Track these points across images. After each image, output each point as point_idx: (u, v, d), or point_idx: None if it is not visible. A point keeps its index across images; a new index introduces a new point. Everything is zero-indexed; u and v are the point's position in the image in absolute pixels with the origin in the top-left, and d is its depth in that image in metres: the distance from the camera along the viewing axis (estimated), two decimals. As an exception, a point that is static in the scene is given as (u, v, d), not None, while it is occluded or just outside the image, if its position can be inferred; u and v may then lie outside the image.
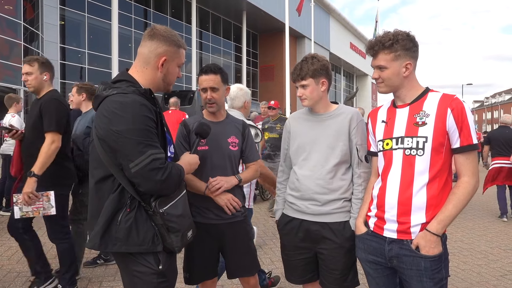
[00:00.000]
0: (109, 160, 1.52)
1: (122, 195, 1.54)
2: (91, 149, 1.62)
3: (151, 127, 1.52)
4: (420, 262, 1.66)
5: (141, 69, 1.68)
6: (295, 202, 2.10)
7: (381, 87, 1.82)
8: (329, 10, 38.82)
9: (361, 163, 2.05)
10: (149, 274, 1.57)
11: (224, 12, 30.31)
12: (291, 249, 2.15)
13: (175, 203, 1.60)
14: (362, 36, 48.18)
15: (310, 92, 2.04)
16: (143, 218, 1.55)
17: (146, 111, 1.51)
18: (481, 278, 3.78)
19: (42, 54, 19.04)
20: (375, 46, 1.76)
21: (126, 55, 23.15)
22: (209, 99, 2.18)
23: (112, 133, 1.47)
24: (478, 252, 4.64)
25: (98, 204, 1.57)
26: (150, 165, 1.45)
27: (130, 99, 1.50)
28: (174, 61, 1.72)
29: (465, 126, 1.65)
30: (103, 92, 1.57)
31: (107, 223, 1.52)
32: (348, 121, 2.05)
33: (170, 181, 1.52)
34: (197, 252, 2.19)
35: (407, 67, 1.75)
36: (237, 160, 2.31)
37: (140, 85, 1.63)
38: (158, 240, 1.57)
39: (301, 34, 34.03)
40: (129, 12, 23.71)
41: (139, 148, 1.45)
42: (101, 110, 1.53)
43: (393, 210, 1.74)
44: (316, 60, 2.03)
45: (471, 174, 1.68)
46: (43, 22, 19.13)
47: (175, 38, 1.70)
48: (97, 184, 1.59)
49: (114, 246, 1.53)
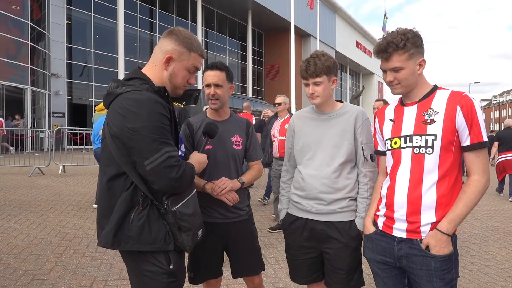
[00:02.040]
0: (122, 158, 1.50)
1: (135, 193, 1.52)
2: (103, 147, 1.60)
3: (166, 124, 1.50)
4: (430, 262, 1.63)
5: (151, 65, 1.67)
6: (300, 201, 2.08)
7: (396, 88, 1.76)
8: (335, 9, 38.69)
9: (367, 162, 2.02)
10: (159, 274, 1.55)
11: (229, 11, 30.33)
12: (296, 248, 2.13)
13: (187, 202, 1.58)
14: (368, 34, 47.97)
15: (323, 89, 2.00)
16: (155, 217, 1.53)
17: (161, 109, 1.49)
18: (488, 279, 3.73)
19: (49, 54, 19.18)
20: (389, 48, 1.69)
21: (132, 55, 23.26)
22: (212, 94, 2.16)
23: (127, 130, 1.45)
24: (486, 253, 4.58)
25: (109, 202, 1.55)
26: (165, 162, 1.44)
27: (145, 97, 1.49)
28: (182, 63, 1.67)
29: (475, 124, 1.61)
30: (116, 89, 1.55)
31: (120, 222, 1.50)
32: (353, 120, 2.02)
33: (184, 179, 1.51)
34: (202, 252, 2.18)
35: (421, 64, 1.72)
36: (241, 159, 2.30)
37: (153, 83, 1.62)
38: (170, 239, 1.55)
39: (307, 33, 33.95)
40: (135, 11, 23.81)
41: (154, 145, 1.44)
42: (115, 108, 1.51)
43: (402, 210, 1.71)
44: (327, 57, 2.00)
45: (481, 172, 1.64)
46: (49, 21, 19.27)
47: (189, 41, 1.66)
48: (108, 182, 1.56)
49: (127, 245, 1.51)
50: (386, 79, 1.78)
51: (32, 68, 18.02)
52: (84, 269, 3.74)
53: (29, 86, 17.78)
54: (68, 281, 3.44)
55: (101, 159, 1.64)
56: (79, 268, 3.76)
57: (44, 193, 7.40)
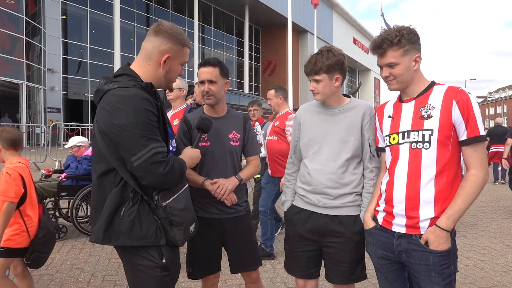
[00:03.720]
0: (111, 154, 1.51)
1: (125, 189, 1.53)
2: (93, 144, 1.61)
3: (153, 120, 1.51)
4: (429, 257, 1.65)
5: (143, 63, 1.66)
6: (306, 195, 2.09)
7: (392, 84, 1.78)
8: (332, 5, 38.63)
9: (373, 158, 2.02)
10: (152, 268, 1.57)
11: (226, 7, 30.20)
12: (296, 239, 2.13)
13: (178, 197, 1.59)
14: (365, 31, 47.96)
15: (323, 87, 2.00)
16: (145, 212, 1.55)
17: (147, 105, 1.50)
18: (484, 274, 3.77)
19: (44, 49, 19.04)
20: (383, 44, 1.72)
21: (128, 50, 23.13)
22: (206, 91, 2.16)
23: (114, 126, 1.46)
24: (482, 248, 4.62)
25: (100, 198, 1.57)
26: (152, 158, 1.45)
27: (131, 93, 1.49)
28: (177, 59, 1.70)
29: (471, 118, 1.62)
30: (104, 86, 1.56)
31: (110, 217, 1.52)
32: (361, 116, 2.02)
33: (172, 174, 1.52)
34: (200, 247, 2.18)
35: (417, 60, 1.73)
36: (239, 155, 2.30)
37: (141, 79, 1.62)
38: (161, 234, 1.57)
39: (304, 29, 33.90)
40: (131, 6, 23.66)
41: (141, 141, 1.45)
42: (103, 104, 1.52)
43: (401, 205, 1.72)
44: (331, 55, 1.97)
45: (479, 167, 1.65)
46: (45, 16, 19.11)
47: (181, 37, 1.68)
48: (99, 178, 1.58)
49: (118, 240, 1.53)
50: (382, 75, 1.81)
51: (27, 63, 17.90)
52: (82, 264, 3.74)
53: (24, 81, 17.67)
54: (66, 277, 3.44)
55: (92, 156, 1.65)
56: (76, 264, 3.76)
57: (41, 189, 7.34)
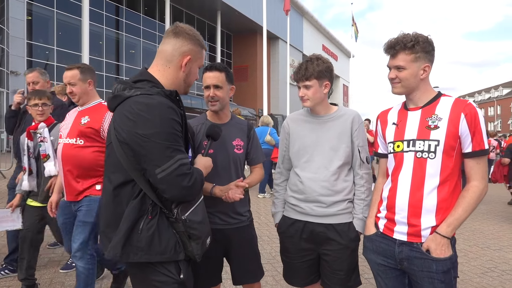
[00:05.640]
0: (130, 165, 1.43)
1: (143, 202, 1.45)
2: (108, 153, 1.52)
3: (178, 130, 1.44)
4: (431, 264, 1.68)
5: (163, 67, 1.59)
6: (298, 204, 2.08)
7: (396, 87, 1.81)
8: (302, 12, 39.24)
9: (363, 164, 2.07)
10: (170, 284, 1.49)
11: (198, 12, 30.02)
12: (295, 252, 2.13)
13: (195, 209, 1.53)
14: (334, 38, 48.96)
15: (313, 93, 2.02)
16: (165, 226, 1.47)
17: (173, 114, 1.43)
18: (464, 276, 3.90)
19: (8, 50, 18.18)
20: (396, 45, 1.75)
21: (97, 53, 22.50)
22: (212, 96, 2.11)
23: (138, 136, 1.38)
24: (458, 251, 4.70)
25: (115, 211, 1.47)
26: (177, 170, 1.38)
27: (156, 101, 1.42)
28: (197, 62, 1.66)
29: (477, 131, 1.68)
30: (123, 92, 1.47)
31: (128, 232, 1.43)
32: (350, 123, 2.06)
33: (195, 187, 1.46)
34: (202, 259, 2.12)
35: (425, 69, 1.76)
36: (242, 163, 2.26)
37: (162, 85, 1.55)
38: (180, 248, 1.50)
39: (275, 36, 34.21)
40: (101, 9, 23.05)
41: (167, 152, 1.38)
42: (123, 112, 1.44)
43: (403, 212, 1.75)
44: (321, 62, 2.02)
45: (480, 179, 1.71)
46: (8, 16, 18.26)
47: (200, 38, 1.65)
48: (115, 190, 1.48)
49: (136, 256, 1.44)
50: (388, 76, 1.83)
51: (-11, 65, 17.01)
52: (62, 278, 3.56)
53: (-15, 84, 16.78)
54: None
55: (105, 166, 1.56)
56: (55, 278, 3.57)
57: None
